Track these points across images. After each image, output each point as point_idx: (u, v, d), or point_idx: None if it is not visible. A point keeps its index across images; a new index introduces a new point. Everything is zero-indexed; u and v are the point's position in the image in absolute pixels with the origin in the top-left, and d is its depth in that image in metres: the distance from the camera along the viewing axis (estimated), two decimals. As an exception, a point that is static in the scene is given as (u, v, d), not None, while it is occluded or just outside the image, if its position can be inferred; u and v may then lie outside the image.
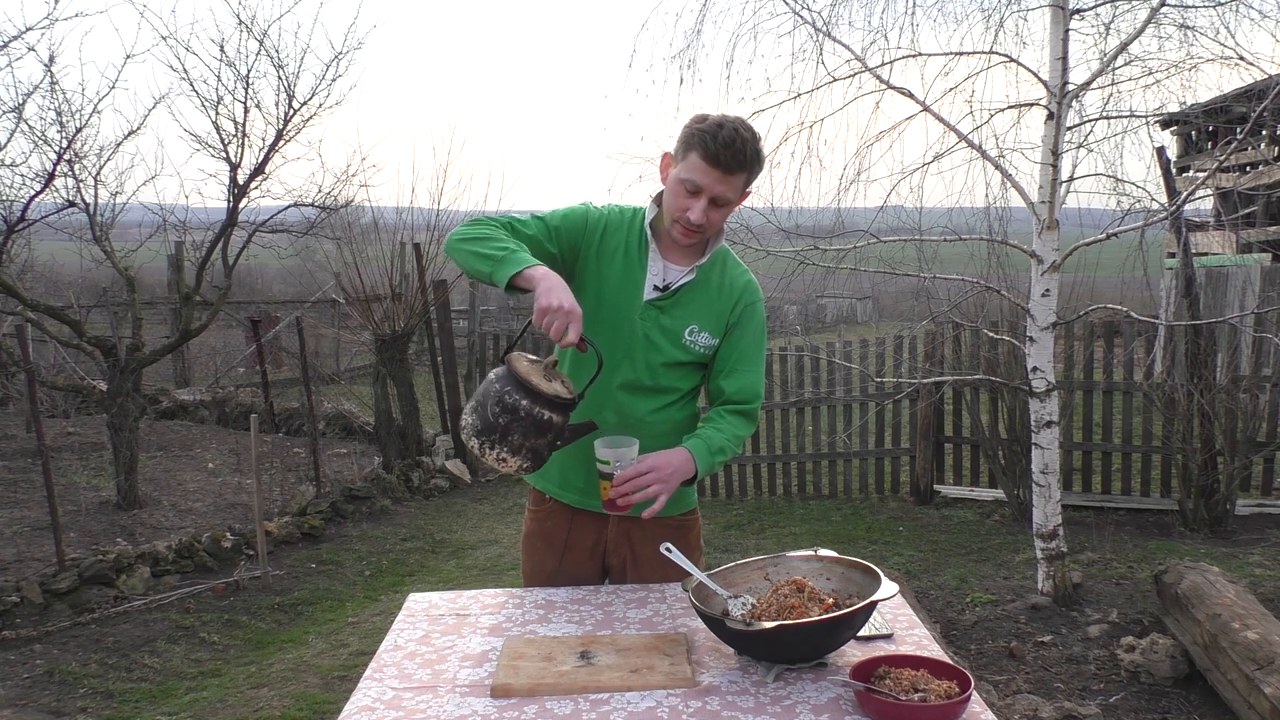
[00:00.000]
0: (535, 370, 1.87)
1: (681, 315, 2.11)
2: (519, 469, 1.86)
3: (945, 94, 4.59)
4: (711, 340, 2.13)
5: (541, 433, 1.83)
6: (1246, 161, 10.43)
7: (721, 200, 2.00)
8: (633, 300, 2.10)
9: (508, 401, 1.81)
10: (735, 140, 1.94)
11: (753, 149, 1.98)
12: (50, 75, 6.33)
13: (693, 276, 2.11)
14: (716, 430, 2.08)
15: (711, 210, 2.00)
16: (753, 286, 2.18)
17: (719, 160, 1.94)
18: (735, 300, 2.14)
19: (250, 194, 7.08)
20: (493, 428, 1.82)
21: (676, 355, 2.12)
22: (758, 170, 2.03)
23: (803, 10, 4.54)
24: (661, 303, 2.10)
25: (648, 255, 2.11)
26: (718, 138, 1.93)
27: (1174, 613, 4.05)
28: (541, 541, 2.28)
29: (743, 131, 1.97)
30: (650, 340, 2.10)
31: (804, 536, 6.41)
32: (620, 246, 2.12)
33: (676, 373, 2.14)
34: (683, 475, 1.98)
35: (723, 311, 2.13)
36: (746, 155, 1.96)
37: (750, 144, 1.97)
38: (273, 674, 4.28)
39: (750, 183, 2.05)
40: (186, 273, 8.16)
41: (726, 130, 1.94)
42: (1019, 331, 5.37)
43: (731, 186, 1.99)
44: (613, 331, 2.10)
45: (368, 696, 1.69)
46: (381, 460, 8.13)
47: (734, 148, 1.94)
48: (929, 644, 1.84)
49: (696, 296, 2.12)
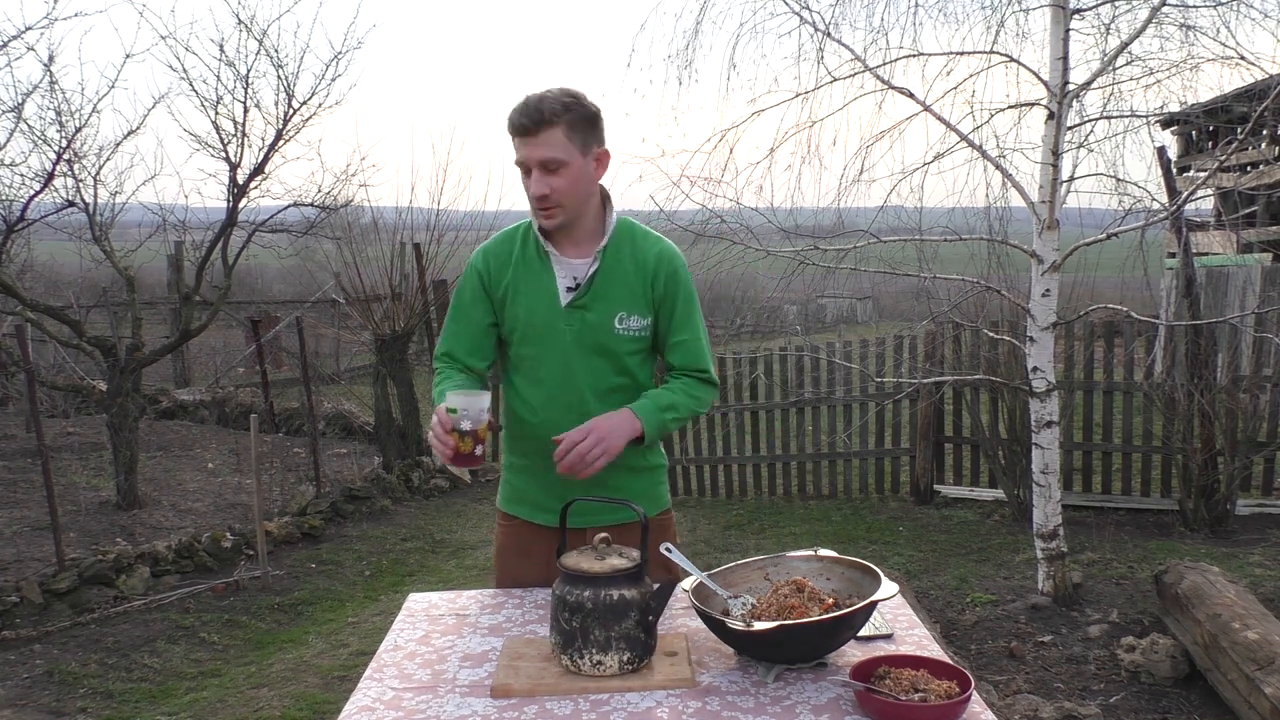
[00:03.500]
0: (585, 557, 1.75)
1: (604, 307, 2.07)
2: (624, 665, 1.69)
3: (946, 94, 4.59)
4: (643, 321, 2.10)
5: (621, 616, 1.68)
6: (1247, 161, 10.43)
7: (550, 163, 1.95)
8: (553, 311, 2.07)
9: (570, 601, 1.69)
10: (526, 102, 1.93)
11: (551, 101, 1.93)
12: (50, 75, 6.34)
13: (598, 264, 2.06)
14: (667, 389, 2.10)
15: (548, 177, 1.96)
16: (667, 254, 2.11)
17: (517, 127, 1.94)
18: (652, 274, 2.09)
19: (250, 194, 7.09)
20: (571, 636, 1.69)
21: (615, 347, 2.09)
22: (573, 118, 1.95)
23: (804, 10, 4.54)
24: (580, 301, 2.06)
25: (550, 261, 2.08)
26: (515, 109, 1.95)
27: (1174, 613, 4.05)
28: (516, 555, 2.25)
29: (536, 93, 1.95)
30: (582, 341, 2.08)
31: (804, 536, 6.41)
32: (517, 268, 2.09)
33: (626, 363, 2.12)
34: (624, 434, 1.98)
35: (643, 289, 2.09)
36: (543, 109, 1.92)
37: (546, 98, 1.93)
38: (273, 674, 4.28)
39: (576, 134, 1.96)
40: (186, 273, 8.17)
41: (520, 101, 1.95)
42: (1019, 331, 5.37)
43: (545, 144, 1.94)
44: (548, 348, 2.08)
45: (368, 696, 1.69)
46: (381, 460, 8.13)
47: (527, 108, 1.93)
48: (929, 644, 1.83)
49: (613, 282, 2.07)
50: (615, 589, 1.69)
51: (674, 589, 1.77)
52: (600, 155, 2.04)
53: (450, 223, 8.76)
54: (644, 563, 1.76)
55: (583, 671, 1.69)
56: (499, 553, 2.31)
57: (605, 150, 2.05)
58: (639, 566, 1.74)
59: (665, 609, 1.76)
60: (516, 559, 2.26)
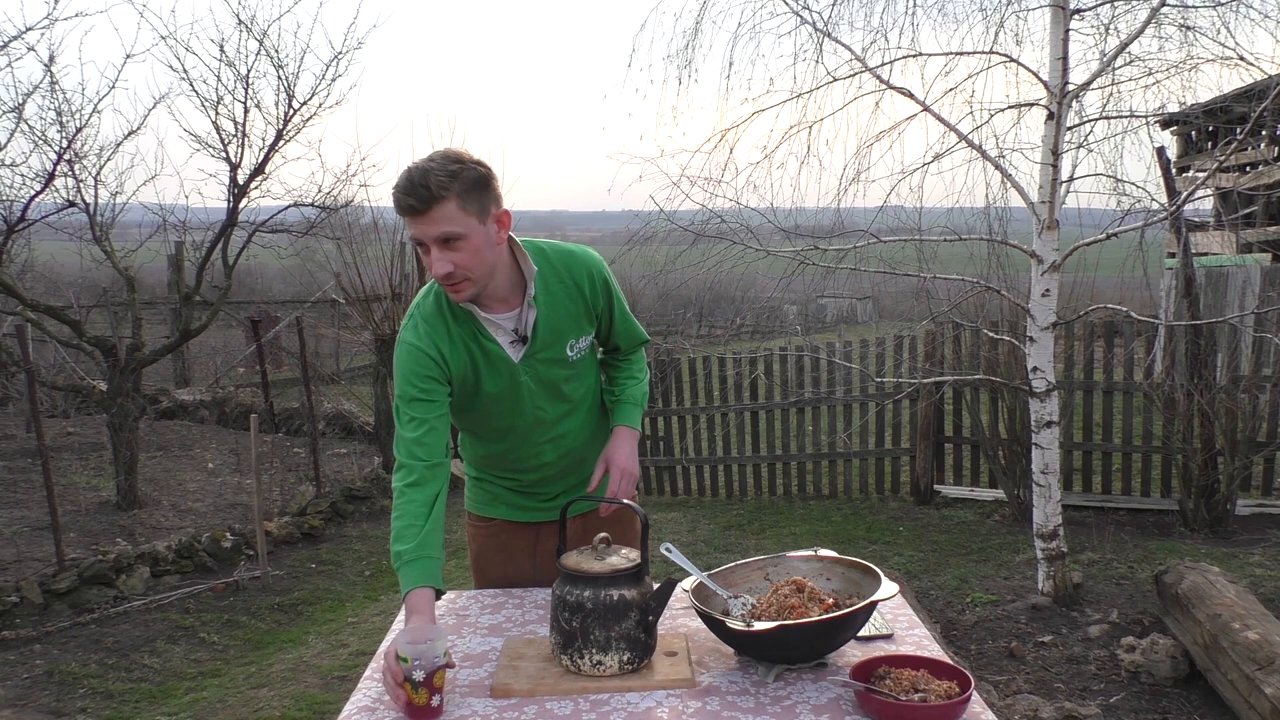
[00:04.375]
0: (586, 557, 1.76)
1: (555, 344, 2.04)
2: (624, 665, 1.70)
3: (945, 94, 4.59)
4: (589, 337, 2.11)
5: (620, 616, 1.68)
6: (1246, 161, 10.43)
7: (447, 237, 1.80)
8: (507, 369, 2.01)
9: (570, 601, 1.69)
10: (410, 180, 1.77)
11: (436, 174, 1.77)
12: (50, 75, 6.34)
13: (535, 311, 1.98)
14: (630, 379, 2.23)
15: (450, 254, 1.81)
16: (591, 265, 2.04)
17: (407, 208, 1.79)
18: (588, 290, 2.04)
19: (250, 194, 7.09)
20: (571, 636, 1.70)
21: (568, 372, 2.10)
22: (462, 187, 1.79)
23: (803, 10, 4.54)
24: (532, 350, 2.01)
25: (482, 324, 1.97)
26: (400, 187, 1.79)
27: (1174, 613, 4.05)
28: (497, 554, 2.26)
29: (420, 165, 1.79)
30: (542, 380, 2.06)
31: (804, 536, 6.41)
32: (459, 341, 1.97)
33: (576, 379, 2.14)
34: (636, 448, 2.15)
35: (583, 310, 2.06)
36: (430, 185, 1.76)
37: (430, 172, 1.77)
38: (273, 674, 4.28)
39: (470, 202, 1.81)
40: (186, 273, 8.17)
41: (406, 176, 1.79)
42: (1019, 331, 5.37)
43: (439, 222, 1.78)
44: (513, 401, 2.06)
45: (368, 696, 1.69)
46: (381, 460, 8.13)
47: (411, 187, 1.77)
48: (929, 644, 1.83)
49: (555, 317, 2.01)
50: (615, 589, 1.69)
51: (674, 589, 1.77)
52: (500, 217, 1.88)
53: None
54: (644, 563, 1.76)
55: (583, 671, 1.69)
56: (477, 556, 2.30)
57: (505, 211, 1.90)
58: (639, 567, 1.74)
59: (665, 609, 1.76)
60: (498, 558, 2.27)
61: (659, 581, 1.76)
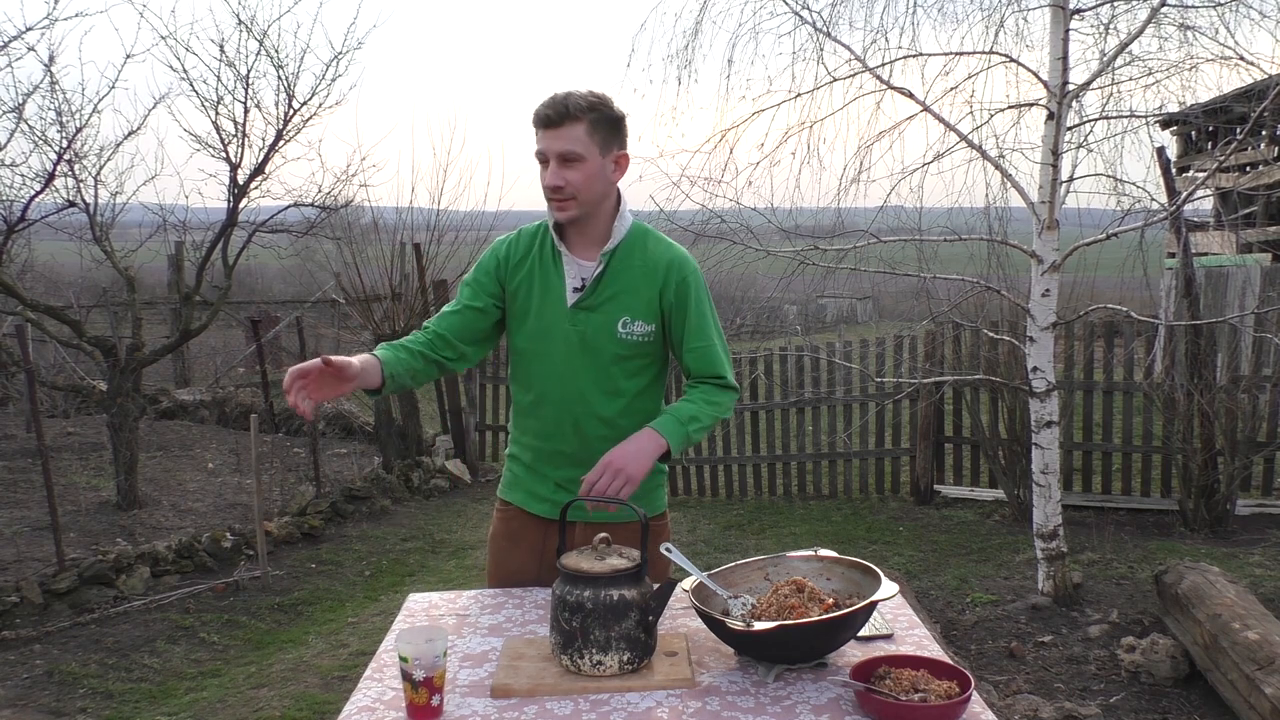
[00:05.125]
0: (585, 557, 1.76)
1: (609, 310, 2.08)
2: (624, 666, 1.70)
3: (945, 94, 4.59)
4: (647, 327, 2.10)
5: (621, 616, 1.68)
6: (1246, 161, 10.43)
7: (569, 155, 1.98)
8: (559, 310, 2.10)
9: (570, 601, 1.70)
10: (554, 98, 1.99)
11: (577, 99, 1.98)
12: (50, 75, 6.33)
13: (603, 267, 2.07)
14: (687, 401, 2.09)
15: (565, 170, 1.99)
16: (679, 262, 2.11)
17: (542, 119, 1.98)
18: (662, 281, 2.08)
19: (250, 194, 7.08)
20: (571, 636, 1.69)
21: (616, 350, 2.09)
22: (596, 117, 1.99)
23: (803, 10, 4.54)
24: (586, 303, 2.08)
25: (561, 260, 2.10)
26: (542, 103, 2.00)
27: (1174, 613, 4.05)
28: (508, 542, 2.27)
29: (564, 90, 2.01)
30: (586, 342, 2.09)
31: (804, 536, 6.41)
32: (533, 264, 2.13)
33: (626, 367, 2.12)
34: (649, 455, 1.98)
35: (651, 296, 2.08)
36: (569, 105, 1.97)
37: (572, 96, 1.98)
38: (273, 674, 4.28)
39: (598, 132, 2.00)
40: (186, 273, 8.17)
41: (548, 97, 2.01)
42: (1019, 331, 5.37)
43: (566, 138, 1.97)
44: (552, 346, 2.10)
45: (368, 696, 1.69)
46: (381, 460, 8.13)
47: (553, 103, 1.97)
48: (929, 644, 1.83)
49: (619, 286, 2.08)
50: (615, 589, 1.69)
51: (674, 589, 1.77)
52: (619, 158, 2.06)
53: (450, 223, 8.76)
54: (644, 563, 1.76)
55: (583, 671, 1.69)
56: (492, 538, 2.32)
57: (625, 154, 2.08)
58: (639, 567, 1.74)
59: (665, 609, 1.76)
60: (507, 545, 2.27)
61: (659, 582, 1.76)
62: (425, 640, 1.57)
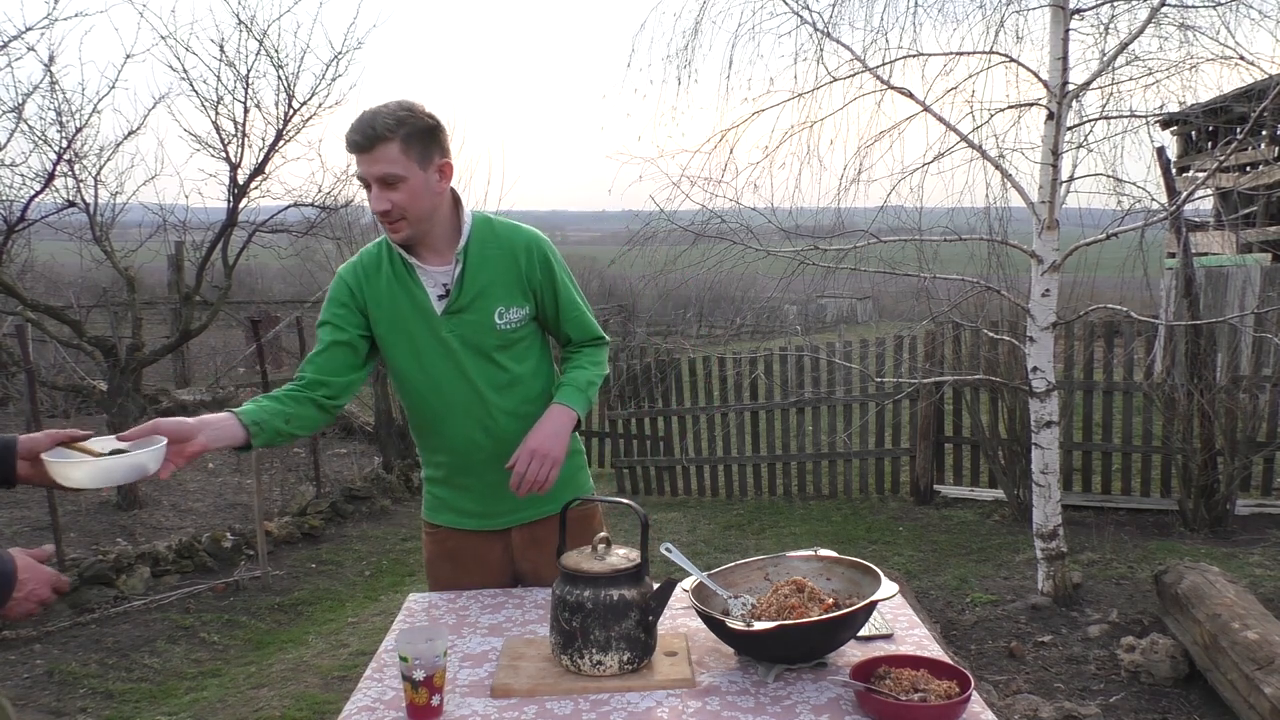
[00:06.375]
0: (585, 557, 1.76)
1: (482, 305, 2.08)
2: (624, 665, 1.70)
3: (945, 94, 4.59)
4: (522, 311, 2.11)
5: (620, 616, 1.68)
6: (1246, 161, 10.43)
7: (388, 178, 1.94)
8: (431, 322, 2.08)
9: (570, 601, 1.70)
10: (361, 119, 1.93)
11: (385, 117, 1.92)
12: (50, 75, 6.33)
13: (461, 266, 2.05)
14: (578, 368, 2.16)
15: (388, 193, 1.95)
16: (533, 241, 2.13)
17: (353, 145, 1.94)
18: (525, 263, 2.10)
19: (250, 194, 7.08)
20: (571, 636, 1.69)
21: (497, 342, 2.10)
22: (407, 132, 1.94)
23: (803, 10, 4.54)
24: (455, 306, 2.07)
25: (416, 273, 2.07)
26: (351, 126, 1.94)
27: (1174, 613, 4.05)
28: (447, 563, 2.26)
29: (372, 109, 1.95)
30: (467, 343, 2.08)
31: (804, 536, 6.41)
32: (388, 283, 2.09)
33: (511, 354, 2.13)
34: (565, 431, 2.03)
35: (517, 278, 2.10)
36: (376, 126, 1.91)
37: (379, 116, 1.92)
38: (273, 674, 4.28)
39: (413, 148, 1.95)
40: (186, 273, 8.16)
41: (359, 117, 1.94)
42: (1019, 331, 5.37)
43: (381, 161, 1.93)
44: (436, 358, 2.09)
45: (368, 696, 1.69)
46: (381, 460, 8.13)
47: (360, 126, 1.92)
48: (929, 644, 1.83)
49: (484, 279, 2.07)
50: (615, 589, 1.69)
51: (674, 589, 1.77)
52: (443, 166, 2.02)
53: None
54: (644, 563, 1.76)
55: (583, 671, 1.69)
56: (429, 563, 2.31)
57: (448, 161, 2.04)
58: (639, 566, 1.74)
59: (665, 609, 1.76)
60: (448, 567, 2.26)
61: (659, 581, 1.76)
62: (425, 640, 1.58)
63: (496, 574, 2.25)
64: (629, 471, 8.23)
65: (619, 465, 8.26)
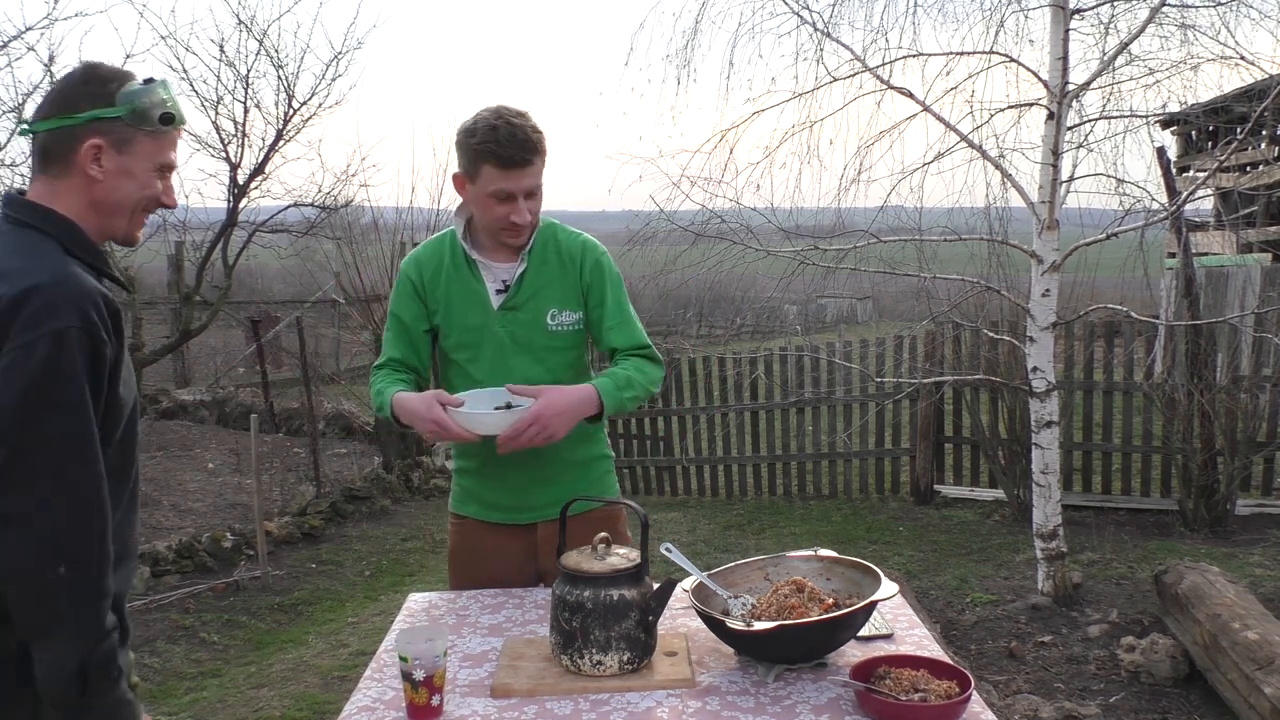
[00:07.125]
0: (585, 557, 1.76)
1: (536, 305, 2.13)
2: (624, 665, 1.69)
3: (945, 94, 4.59)
4: (574, 315, 2.15)
5: (620, 615, 1.68)
6: (1247, 161, 10.43)
7: (534, 190, 2.03)
8: (485, 315, 2.13)
9: (570, 601, 1.69)
10: (517, 134, 1.96)
11: (532, 132, 1.99)
12: (50, 75, 6.31)
13: (525, 265, 2.12)
14: (622, 369, 2.12)
15: (530, 203, 2.03)
16: (590, 245, 2.18)
17: (514, 161, 1.97)
18: (579, 267, 2.15)
19: (250, 194, 7.07)
20: (571, 636, 1.69)
21: (548, 344, 2.14)
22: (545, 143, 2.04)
23: (803, 10, 4.54)
24: (511, 303, 2.13)
25: (478, 268, 2.13)
26: (501, 142, 1.95)
27: (1174, 613, 4.05)
28: (468, 555, 2.27)
29: (516, 121, 1.97)
30: (517, 340, 2.12)
31: (804, 536, 6.41)
32: (449, 276, 2.15)
33: (559, 359, 2.16)
34: (578, 412, 2.00)
35: (572, 283, 2.15)
36: (534, 141, 1.98)
37: (530, 127, 1.99)
38: (273, 674, 4.28)
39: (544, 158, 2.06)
40: (186, 273, 8.17)
41: (503, 130, 1.95)
42: (1019, 331, 5.37)
43: (534, 174, 2.01)
44: (483, 350, 2.13)
45: (368, 696, 1.69)
46: (381, 460, 8.13)
47: (520, 143, 1.96)
48: (929, 644, 1.83)
49: (542, 281, 2.13)
50: (615, 589, 1.69)
51: (674, 589, 1.77)
52: None
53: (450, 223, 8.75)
54: (644, 563, 1.76)
55: (583, 671, 1.69)
56: (452, 554, 2.33)
57: None
58: (639, 566, 1.74)
59: (665, 609, 1.76)
60: (469, 558, 2.27)
61: (659, 581, 1.76)
62: (425, 640, 1.58)
63: (518, 570, 2.25)
64: (629, 471, 8.23)
65: (619, 465, 8.26)
